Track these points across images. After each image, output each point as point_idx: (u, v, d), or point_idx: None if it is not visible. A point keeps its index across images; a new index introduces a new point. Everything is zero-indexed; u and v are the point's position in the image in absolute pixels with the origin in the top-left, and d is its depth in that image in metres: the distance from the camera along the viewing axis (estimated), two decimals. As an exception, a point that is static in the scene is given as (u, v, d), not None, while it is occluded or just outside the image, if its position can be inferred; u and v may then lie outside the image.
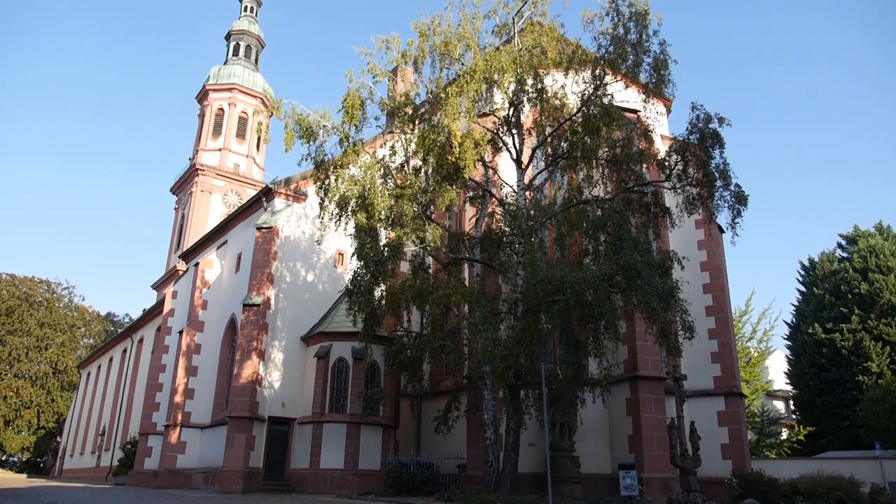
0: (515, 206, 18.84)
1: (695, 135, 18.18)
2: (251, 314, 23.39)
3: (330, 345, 23.26)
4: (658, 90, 18.55)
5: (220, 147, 50.05)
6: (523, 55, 19.07)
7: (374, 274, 18.19)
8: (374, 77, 19.15)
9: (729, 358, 22.56)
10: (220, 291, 28.41)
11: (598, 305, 15.66)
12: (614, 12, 18.25)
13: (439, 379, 23.42)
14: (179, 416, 26.41)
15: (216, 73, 52.43)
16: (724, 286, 23.63)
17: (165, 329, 31.31)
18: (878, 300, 33.47)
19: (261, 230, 24.62)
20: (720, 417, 21.90)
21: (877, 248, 35.18)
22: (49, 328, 57.81)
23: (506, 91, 18.76)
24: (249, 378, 22.56)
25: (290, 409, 23.46)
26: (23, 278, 58.70)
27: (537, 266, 16.60)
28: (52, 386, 57.60)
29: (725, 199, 18.02)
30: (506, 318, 18.11)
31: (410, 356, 19.68)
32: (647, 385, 19.62)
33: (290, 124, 18.86)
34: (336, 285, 25.63)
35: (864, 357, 32.18)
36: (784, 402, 44.26)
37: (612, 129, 18.20)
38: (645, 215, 18.64)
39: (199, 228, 44.30)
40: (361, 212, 18.21)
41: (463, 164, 17.40)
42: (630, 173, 18.73)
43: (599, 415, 20.43)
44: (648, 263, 16.18)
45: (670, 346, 16.96)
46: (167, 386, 29.56)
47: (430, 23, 19.02)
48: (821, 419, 33.56)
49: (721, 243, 24.38)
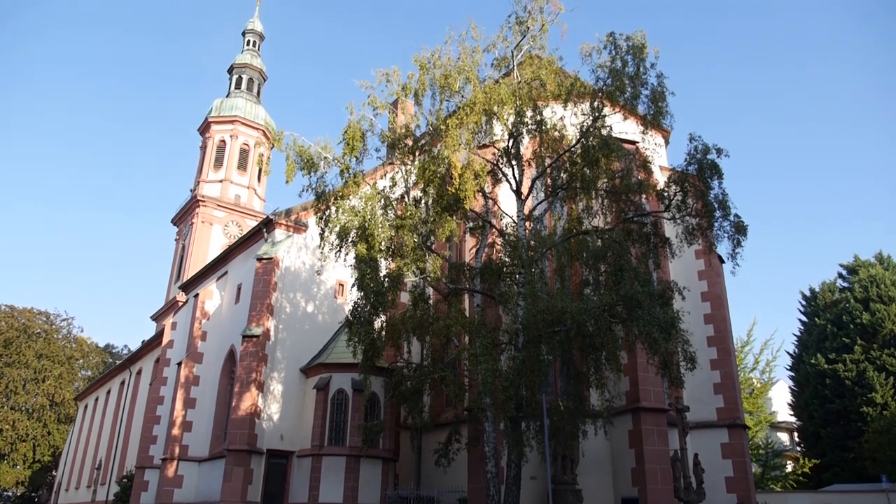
0: (515, 236, 18.87)
1: (693, 166, 18.33)
2: (250, 345, 23.26)
3: (329, 376, 23.08)
4: (656, 122, 18.73)
5: (222, 178, 50.34)
6: (522, 88, 19.30)
7: (375, 304, 18.15)
8: (375, 109, 19.36)
9: (731, 389, 22.38)
10: (220, 322, 28.29)
11: (599, 336, 15.59)
12: (612, 46, 18.53)
13: (440, 411, 23.20)
14: (177, 450, 26.07)
15: (218, 105, 53.00)
16: (725, 316, 23.55)
17: (164, 361, 31.09)
18: (880, 330, 33.33)
19: (261, 261, 24.61)
20: (724, 450, 21.63)
21: (877, 278, 35.16)
22: (47, 360, 57.41)
23: (505, 123, 18.94)
24: (248, 410, 22.34)
25: (288, 442, 23.19)
26: (22, 309, 58.50)
27: (538, 296, 16.56)
28: (48, 419, 56.98)
29: (725, 230, 18.09)
30: (506, 349, 18.01)
31: (410, 388, 19.53)
32: (649, 417, 19.43)
33: (291, 156, 19.00)
34: (336, 316, 25.54)
35: (867, 388, 31.93)
36: (788, 433, 43.81)
37: (611, 160, 18.32)
38: (645, 245, 18.67)
39: (200, 259, 44.28)
40: (362, 242, 18.24)
41: (463, 195, 17.48)
42: (629, 204, 18.81)
43: (602, 447, 20.18)
44: (649, 294, 16.16)
45: (672, 377, 16.84)
46: (165, 418, 29.24)
47: (430, 56, 19.28)
48: (826, 451, 33.17)
49: (721, 273, 24.37)
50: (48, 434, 56.82)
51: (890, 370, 32.06)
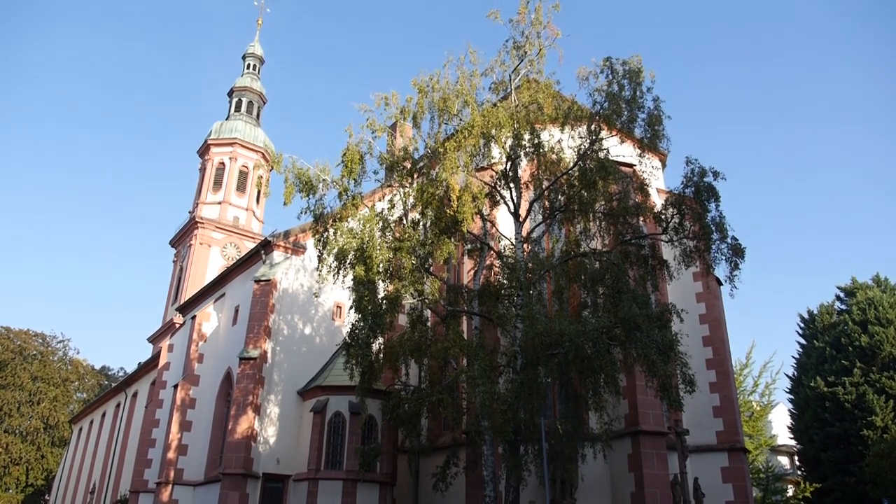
0: (513, 258, 18.90)
1: (690, 188, 18.45)
2: (247, 368, 23.14)
3: (327, 399, 22.94)
4: (653, 145, 18.89)
5: (221, 200, 50.51)
6: (520, 111, 19.46)
7: (372, 327, 18.12)
8: (374, 132, 19.50)
9: (731, 412, 22.26)
10: (217, 345, 28.17)
11: (597, 358, 15.56)
12: (608, 70, 18.75)
13: (437, 434, 23.04)
14: (172, 473, 25.80)
15: (218, 128, 53.35)
16: (723, 339, 23.51)
17: (160, 383, 30.89)
18: (879, 353, 33.26)
19: (259, 283, 24.59)
20: (724, 473, 21.45)
21: (875, 301, 35.16)
22: (42, 382, 57.01)
23: (503, 146, 19.08)
24: (244, 433, 22.16)
25: (285, 466, 22.96)
26: (17, 331, 58.22)
27: (536, 319, 16.55)
28: (42, 442, 56.39)
29: (722, 252, 18.18)
30: (505, 371, 17.95)
31: (408, 410, 19.41)
32: (648, 440, 19.30)
33: (290, 178, 19.09)
34: (334, 338, 25.45)
35: (867, 411, 31.77)
36: (789, 457, 43.46)
37: (608, 183, 18.43)
38: (643, 268, 18.70)
39: (198, 281, 44.23)
40: (360, 264, 18.25)
41: (461, 218, 17.54)
42: (627, 226, 18.88)
43: (601, 471, 20.00)
44: (647, 316, 16.16)
45: (671, 400, 16.77)
46: (160, 441, 28.97)
47: (428, 80, 19.47)
48: (827, 475, 32.89)
49: (720, 295, 24.37)
50: (42, 457, 56.20)
51: (889, 393, 31.92)
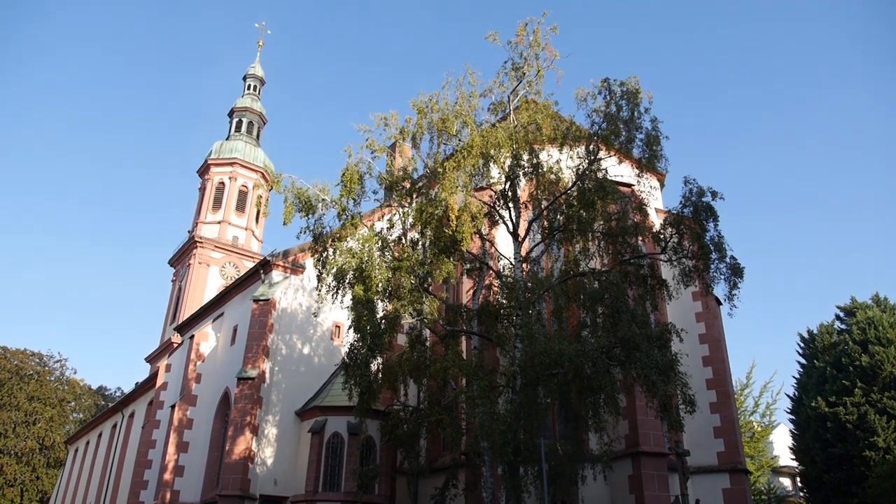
0: (513, 278, 18.89)
1: (688, 208, 18.49)
2: (245, 388, 23.02)
3: (325, 419, 22.79)
4: (651, 165, 18.97)
5: (220, 220, 50.59)
6: (519, 131, 19.57)
7: (371, 347, 18.03)
8: (373, 152, 19.59)
9: (732, 433, 22.09)
10: (215, 365, 28.04)
11: (597, 378, 15.48)
12: (606, 91, 18.89)
13: (436, 455, 22.84)
14: (168, 495, 25.53)
15: (218, 147, 53.58)
16: (724, 359, 23.41)
17: (157, 403, 30.68)
18: (879, 373, 33.11)
19: (257, 302, 24.55)
20: (726, 495, 21.21)
21: (875, 320, 35.07)
22: (38, 402, 56.56)
23: (502, 166, 19.16)
24: (242, 454, 21.98)
25: (282, 487, 22.75)
26: (14, 351, 57.92)
27: (535, 339, 16.50)
28: (37, 463, 55.80)
29: (721, 272, 18.17)
30: (504, 391, 17.85)
31: (407, 431, 19.26)
32: (649, 461, 19.12)
33: (289, 198, 19.15)
34: (332, 358, 25.35)
35: (869, 431, 31.55)
36: (790, 478, 43.06)
37: (606, 203, 18.47)
38: (642, 287, 18.68)
39: (196, 300, 44.15)
40: (359, 284, 18.23)
41: (460, 237, 17.56)
42: (626, 246, 18.90)
43: (601, 492, 19.78)
44: (647, 336, 16.11)
45: (672, 421, 16.66)
46: (157, 462, 28.70)
47: (427, 101, 19.60)
48: (829, 497, 32.56)
49: (719, 315, 24.31)
50: (37, 479, 55.53)
51: (891, 413, 31.70)
